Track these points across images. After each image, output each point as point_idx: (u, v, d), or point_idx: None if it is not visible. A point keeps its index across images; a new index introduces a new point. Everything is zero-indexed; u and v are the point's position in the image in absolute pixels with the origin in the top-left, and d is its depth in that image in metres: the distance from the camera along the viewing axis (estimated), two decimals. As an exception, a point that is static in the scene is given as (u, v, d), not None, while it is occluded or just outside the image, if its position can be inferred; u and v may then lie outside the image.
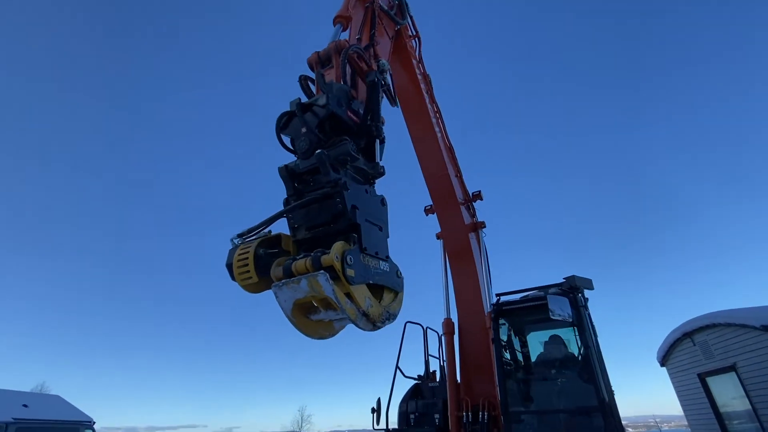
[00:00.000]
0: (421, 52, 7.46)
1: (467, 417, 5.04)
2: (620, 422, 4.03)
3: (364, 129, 3.73)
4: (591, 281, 5.13)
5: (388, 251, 3.24)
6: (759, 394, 6.66)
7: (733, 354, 6.90)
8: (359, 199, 3.14)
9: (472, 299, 6.08)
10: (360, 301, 2.71)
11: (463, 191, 7.48)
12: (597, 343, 4.48)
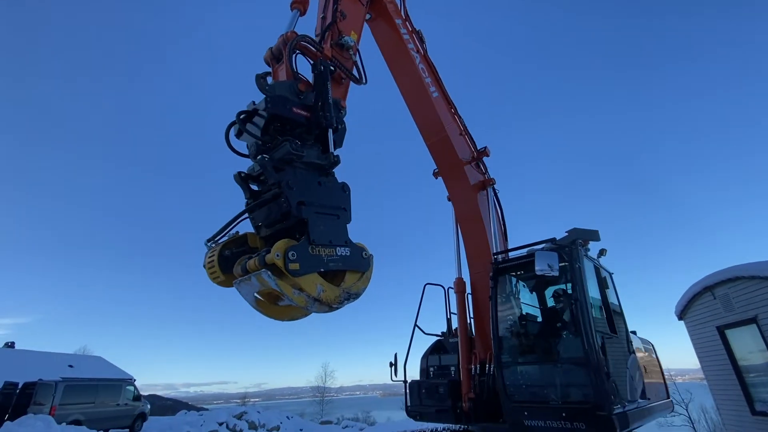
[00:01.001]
0: (406, 10, 7.11)
1: (475, 369, 5.20)
2: (604, 374, 4.02)
3: (316, 121, 3.95)
4: (596, 232, 4.94)
5: (346, 236, 3.65)
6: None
7: (754, 306, 6.63)
8: (308, 193, 3.53)
9: (481, 258, 6.00)
10: (310, 289, 3.13)
11: (471, 149, 7.14)
12: (585, 296, 4.38)
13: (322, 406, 41.04)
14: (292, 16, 4.96)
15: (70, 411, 15.54)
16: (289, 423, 21.63)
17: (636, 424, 4.47)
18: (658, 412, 5.20)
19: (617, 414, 3.87)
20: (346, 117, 4.36)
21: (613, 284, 5.47)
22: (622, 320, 5.22)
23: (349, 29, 5.52)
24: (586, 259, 4.92)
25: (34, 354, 26.74)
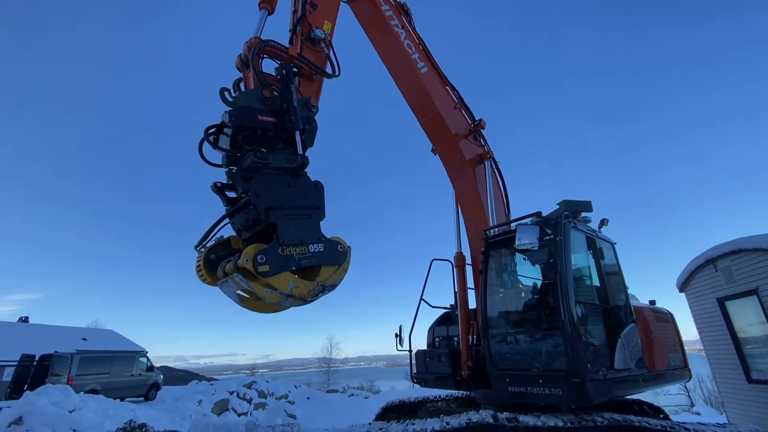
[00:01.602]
0: None
1: (473, 340, 5.39)
2: (581, 343, 4.16)
3: (283, 125, 4.14)
4: (588, 203, 4.96)
5: (319, 233, 3.92)
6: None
7: (756, 278, 6.65)
8: (277, 197, 3.80)
9: (480, 233, 6.02)
10: (282, 287, 3.52)
11: (467, 122, 6.97)
12: (565, 268, 4.46)
13: (328, 376, 42.45)
14: (260, 16, 4.94)
15: (87, 381, 16.16)
16: (296, 392, 22.44)
17: (622, 392, 4.62)
18: (661, 380, 5.34)
19: (592, 381, 4.05)
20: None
21: (614, 254, 5.47)
22: (622, 290, 5.26)
23: (322, 19, 5.49)
24: (576, 231, 4.95)
25: (48, 328, 27.55)
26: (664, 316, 6.07)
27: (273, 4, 5.04)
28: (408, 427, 4.31)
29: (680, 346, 6.00)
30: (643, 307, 5.67)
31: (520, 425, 4.10)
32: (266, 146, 3.99)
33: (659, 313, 6.00)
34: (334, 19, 5.68)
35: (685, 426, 4.19)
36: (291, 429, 7.58)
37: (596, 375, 4.15)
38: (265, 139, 4.04)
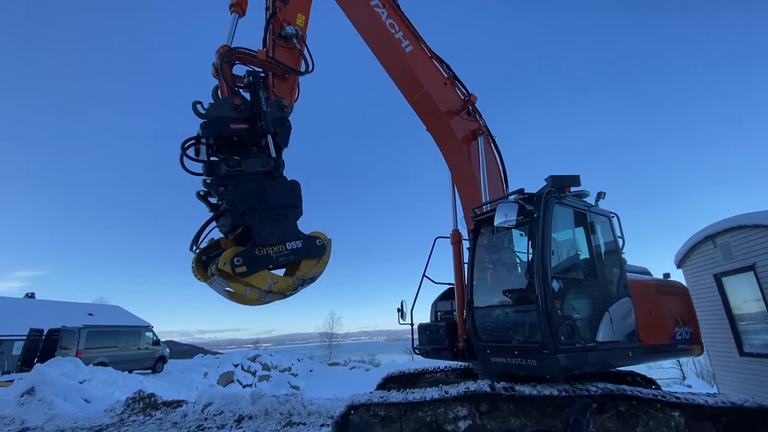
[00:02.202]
0: None
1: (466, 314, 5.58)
2: (554, 316, 4.26)
3: (255, 131, 4.37)
4: (576, 177, 4.96)
5: (296, 230, 4.21)
6: (777, 295, 6.63)
7: (754, 254, 6.68)
8: (251, 201, 4.10)
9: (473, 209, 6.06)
10: (261, 285, 3.92)
11: (459, 97, 6.81)
12: (542, 244, 4.54)
13: (329, 350, 43.49)
14: (232, 19, 4.97)
15: (95, 354, 16.61)
16: (299, 364, 23.07)
17: (605, 363, 4.66)
18: (660, 354, 5.41)
19: (565, 353, 4.20)
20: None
21: (611, 227, 5.44)
22: (617, 264, 5.26)
23: (294, 13, 5.47)
24: (562, 206, 4.96)
25: (54, 303, 28.05)
26: (672, 289, 5.96)
27: (243, 6, 5.05)
28: (408, 396, 4.46)
29: (692, 321, 5.86)
30: (646, 280, 5.65)
31: (516, 394, 4.24)
32: (242, 151, 4.25)
33: (666, 286, 5.92)
34: (307, 10, 5.62)
35: (675, 395, 4.33)
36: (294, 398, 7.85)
37: (570, 347, 4.26)
38: (241, 145, 4.27)
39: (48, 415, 8.09)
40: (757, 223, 6.57)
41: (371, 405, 4.52)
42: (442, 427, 4.35)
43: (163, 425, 7.50)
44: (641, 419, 4.21)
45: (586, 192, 5.29)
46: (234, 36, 4.84)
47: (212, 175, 4.14)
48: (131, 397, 8.87)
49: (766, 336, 7.05)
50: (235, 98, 4.32)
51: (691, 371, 21.68)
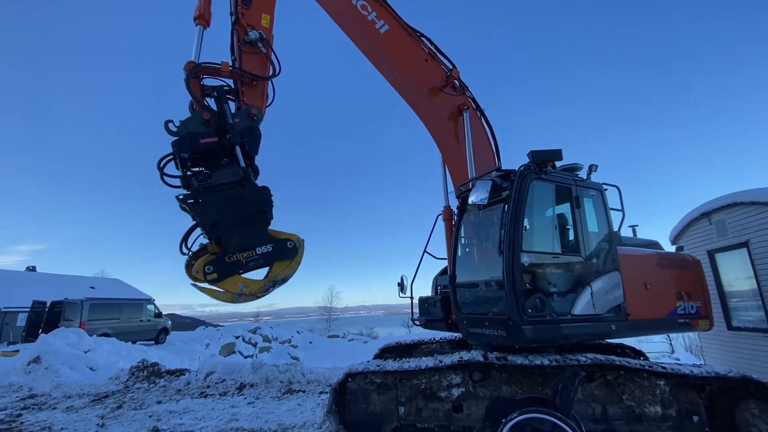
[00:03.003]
0: None
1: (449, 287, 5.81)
2: (520, 290, 4.38)
3: (224, 143, 4.63)
4: (558, 152, 4.94)
5: (266, 236, 4.57)
6: (767, 272, 6.73)
7: (748, 231, 6.75)
8: (220, 211, 4.43)
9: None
10: (233, 289, 4.40)
11: (442, 72, 6.62)
12: (513, 220, 4.62)
13: (329, 323, 44.43)
14: (197, 32, 5.05)
15: (98, 326, 16.92)
16: (299, 337, 23.61)
17: (582, 336, 4.69)
18: (653, 329, 5.37)
19: (532, 325, 4.35)
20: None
21: (603, 201, 5.31)
22: (606, 238, 5.16)
23: (258, 15, 5.47)
24: (542, 181, 4.96)
25: (56, 277, 28.35)
26: (679, 263, 5.82)
27: (207, 18, 5.11)
28: (403, 364, 4.60)
29: (701, 295, 5.70)
30: (646, 253, 5.60)
31: (509, 363, 4.38)
32: (215, 163, 4.58)
33: (671, 259, 5.78)
34: (271, 9, 5.60)
35: (661, 365, 4.47)
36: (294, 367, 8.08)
37: (538, 319, 4.39)
38: (213, 157, 4.59)
39: (55, 383, 8.34)
40: (754, 200, 6.60)
41: (368, 373, 4.67)
42: (436, 394, 4.51)
43: (167, 392, 7.75)
44: (628, 388, 4.37)
45: (579, 165, 5.22)
46: (201, 47, 4.98)
47: (185, 190, 4.49)
48: (135, 366, 9.13)
49: (755, 313, 7.21)
50: (204, 113, 4.59)
51: (680, 345, 22.30)
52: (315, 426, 5.33)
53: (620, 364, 4.32)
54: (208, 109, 4.67)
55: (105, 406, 6.98)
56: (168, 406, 6.76)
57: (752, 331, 7.17)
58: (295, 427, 5.41)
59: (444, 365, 4.46)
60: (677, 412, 4.31)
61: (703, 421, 4.32)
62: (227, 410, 6.37)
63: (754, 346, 7.11)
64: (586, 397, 4.37)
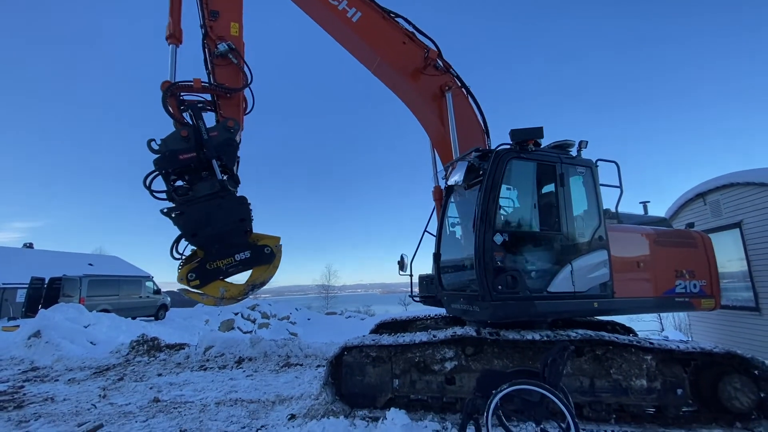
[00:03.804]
0: None
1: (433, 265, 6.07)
2: (489, 270, 4.47)
3: (202, 157, 5.03)
4: (539, 129, 4.86)
5: (244, 243, 5.11)
6: (757, 252, 6.82)
7: (742, 212, 6.80)
8: (200, 223, 4.90)
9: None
10: (214, 293, 5.03)
11: (421, 53, 6.52)
12: (487, 200, 4.66)
13: (327, 301, 45.06)
14: (170, 51, 5.31)
15: (98, 302, 17.08)
16: (297, 314, 23.96)
17: (558, 313, 4.74)
18: (644, 307, 5.23)
19: (502, 302, 4.46)
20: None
21: (593, 178, 5.14)
22: (593, 216, 5.07)
23: (227, 25, 5.63)
24: (521, 160, 4.94)
25: (53, 254, 28.38)
26: (682, 240, 5.63)
27: (178, 36, 5.37)
28: (398, 339, 4.70)
29: (707, 273, 5.54)
30: (643, 231, 5.47)
31: (501, 338, 4.48)
32: (196, 176, 4.99)
33: (672, 237, 5.61)
34: (238, 16, 5.75)
35: (649, 340, 4.60)
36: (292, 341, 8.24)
37: (510, 295, 4.49)
38: (194, 170, 4.97)
39: (56, 356, 8.49)
40: (749, 181, 6.62)
41: (363, 347, 4.78)
42: (430, 367, 4.64)
43: (167, 365, 7.92)
44: (615, 362, 4.50)
45: (570, 142, 5.13)
46: (176, 65, 5.28)
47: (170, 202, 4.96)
48: (135, 340, 9.28)
49: (743, 293, 7.34)
50: (182, 131, 4.96)
51: (670, 324, 22.83)
52: (312, 397, 5.48)
53: (609, 339, 4.44)
54: (187, 126, 5.02)
55: (106, 378, 7.14)
56: (168, 379, 6.92)
57: (739, 310, 7.33)
58: (292, 399, 5.57)
59: (438, 340, 4.57)
60: (662, 386, 4.46)
61: (686, 394, 4.48)
62: (226, 382, 6.53)
63: (741, 323, 7.29)
64: (575, 370, 4.50)
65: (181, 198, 4.89)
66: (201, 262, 5.00)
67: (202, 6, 5.50)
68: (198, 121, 5.07)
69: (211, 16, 5.51)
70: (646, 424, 4.37)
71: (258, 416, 4.94)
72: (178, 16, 5.45)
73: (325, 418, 4.36)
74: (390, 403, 4.61)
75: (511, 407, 3.66)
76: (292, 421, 4.58)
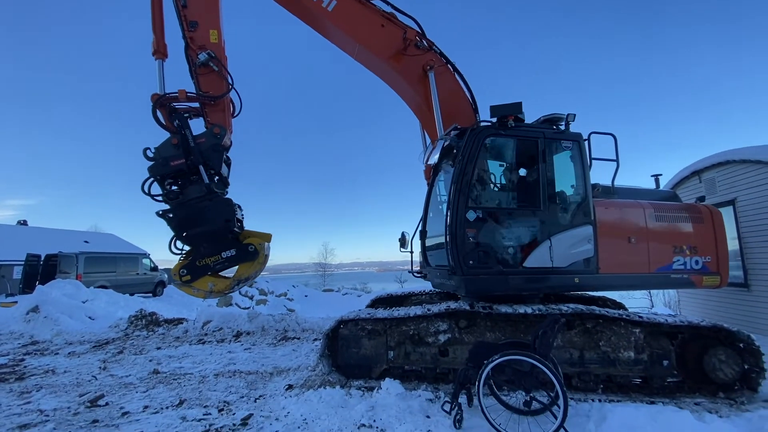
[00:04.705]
0: None
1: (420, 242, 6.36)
2: (462, 246, 4.60)
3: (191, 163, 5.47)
4: (518, 105, 4.87)
5: (229, 242, 5.59)
6: (749, 230, 6.89)
7: (736, 189, 6.84)
8: (189, 223, 5.48)
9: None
10: (203, 287, 5.52)
11: (401, 33, 6.37)
12: (460, 177, 4.72)
13: (323, 278, 45.53)
14: (157, 65, 5.72)
15: (95, 278, 17.18)
16: (294, 290, 24.23)
17: (534, 287, 4.78)
18: (628, 284, 5.16)
19: (473, 276, 4.59)
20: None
21: (580, 151, 5.01)
22: (579, 191, 5.01)
23: (206, 33, 5.89)
24: (499, 137, 4.93)
25: (48, 231, 28.26)
26: (682, 216, 5.39)
27: (163, 51, 5.75)
28: (393, 313, 4.78)
29: (712, 249, 5.30)
30: (638, 205, 5.33)
31: (494, 312, 4.57)
32: (187, 180, 5.55)
33: (672, 212, 5.38)
34: (217, 22, 5.98)
35: (638, 314, 4.70)
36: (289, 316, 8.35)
37: (482, 270, 4.61)
38: (185, 175, 5.51)
39: (55, 330, 8.58)
40: (744, 159, 6.62)
41: (359, 320, 4.86)
42: (424, 339, 4.74)
43: (166, 339, 8.04)
44: (605, 335, 4.62)
45: (559, 115, 5.01)
46: (164, 78, 5.70)
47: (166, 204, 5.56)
48: (134, 315, 9.38)
49: (733, 272, 7.45)
50: (173, 139, 5.49)
51: (660, 301, 23.33)
52: (309, 369, 5.61)
53: (599, 313, 4.53)
54: (177, 134, 5.53)
55: (106, 351, 7.25)
56: (167, 352, 7.04)
57: (728, 286, 7.46)
58: (290, 370, 5.70)
59: (432, 313, 4.65)
60: (649, 357, 4.60)
61: (672, 366, 4.62)
62: (225, 355, 6.66)
63: (729, 300, 7.46)
64: (566, 343, 4.62)
65: (173, 201, 5.47)
66: (192, 259, 5.53)
67: (181, 18, 5.82)
68: (185, 130, 5.55)
69: (190, 27, 5.82)
70: (632, 393, 4.52)
71: (256, 387, 5.07)
72: (161, 31, 5.82)
73: (322, 388, 4.47)
74: (385, 373, 4.73)
75: (503, 377, 3.77)
76: (290, 391, 4.70)
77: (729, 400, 4.37)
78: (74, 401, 4.67)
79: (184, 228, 5.53)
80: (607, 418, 3.53)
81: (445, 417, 3.79)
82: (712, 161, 7.37)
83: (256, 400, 4.56)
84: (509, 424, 3.48)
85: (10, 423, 4.03)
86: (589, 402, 4.22)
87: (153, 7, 5.81)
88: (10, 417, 4.20)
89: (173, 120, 5.66)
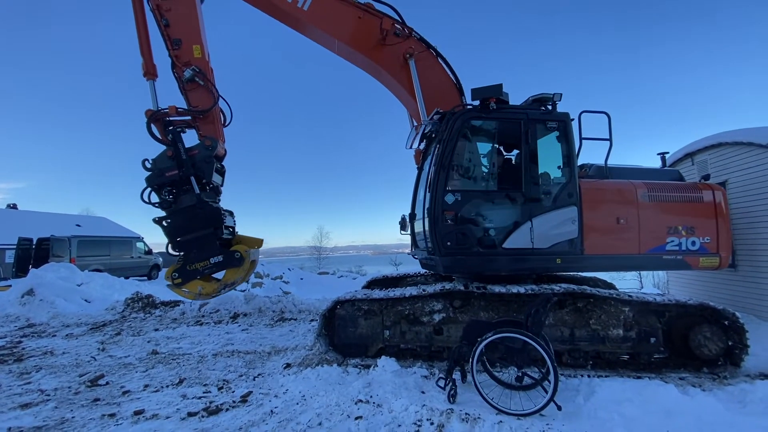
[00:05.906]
0: None
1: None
2: (440, 227, 4.75)
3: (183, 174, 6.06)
4: (499, 87, 4.86)
5: (216, 249, 6.30)
6: (738, 211, 6.99)
7: (728, 171, 6.91)
8: (181, 230, 6.14)
9: None
10: (193, 290, 6.55)
11: (379, 23, 6.29)
12: (442, 159, 4.79)
13: (319, 261, 45.72)
14: (149, 86, 6.11)
15: (89, 262, 17.08)
16: (290, 273, 24.28)
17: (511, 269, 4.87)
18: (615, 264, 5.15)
19: (451, 256, 4.75)
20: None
21: (566, 132, 4.94)
22: (565, 172, 4.96)
23: (189, 50, 6.13)
24: (479, 119, 4.98)
25: (39, 214, 27.92)
26: (679, 195, 5.25)
27: (153, 71, 6.12)
28: (389, 293, 4.85)
29: (712, 230, 5.17)
30: (631, 184, 5.24)
31: (488, 292, 4.66)
32: (181, 189, 6.08)
33: (667, 191, 5.25)
34: (198, 37, 6.21)
35: (628, 293, 4.82)
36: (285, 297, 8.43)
37: (460, 250, 4.75)
38: (179, 184, 6.05)
39: (51, 313, 8.60)
40: (737, 141, 6.67)
41: (355, 300, 4.93)
42: (419, 319, 4.84)
43: (164, 321, 8.10)
44: (595, 313, 4.74)
45: (547, 96, 4.95)
46: (157, 96, 6.16)
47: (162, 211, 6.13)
48: (130, 298, 9.41)
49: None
50: (168, 151, 6.01)
51: (649, 282, 23.83)
52: (306, 348, 5.71)
53: (590, 293, 4.64)
54: (172, 147, 5.99)
55: (104, 333, 7.30)
56: (165, 333, 7.10)
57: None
58: (287, 350, 5.80)
59: (427, 293, 4.73)
60: (637, 335, 4.74)
61: (659, 342, 4.77)
62: (222, 336, 6.74)
63: (716, 280, 7.64)
64: (557, 321, 4.74)
65: (168, 210, 5.98)
66: (183, 263, 6.03)
67: (165, 37, 6.04)
68: (177, 143, 5.98)
69: (174, 45, 6.07)
70: (620, 369, 4.68)
71: (254, 366, 5.16)
72: (149, 53, 6.10)
73: (319, 366, 4.57)
74: (381, 352, 4.84)
75: (496, 354, 3.88)
76: (288, 370, 4.80)
77: (712, 375, 4.55)
78: (74, 381, 4.73)
79: (177, 234, 6.07)
80: (595, 391, 3.67)
81: (440, 392, 3.91)
82: (705, 143, 7.41)
83: (255, 379, 4.65)
84: (501, 398, 3.60)
85: (11, 402, 4.09)
86: (578, 377, 4.37)
87: (139, 31, 6.03)
88: (11, 397, 4.25)
89: (168, 134, 6.08)
